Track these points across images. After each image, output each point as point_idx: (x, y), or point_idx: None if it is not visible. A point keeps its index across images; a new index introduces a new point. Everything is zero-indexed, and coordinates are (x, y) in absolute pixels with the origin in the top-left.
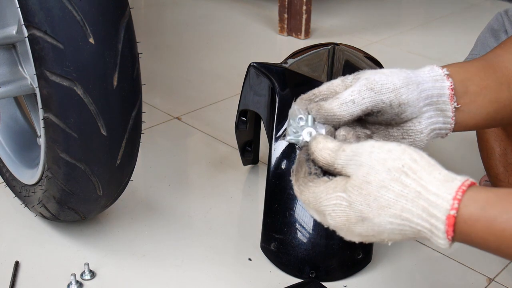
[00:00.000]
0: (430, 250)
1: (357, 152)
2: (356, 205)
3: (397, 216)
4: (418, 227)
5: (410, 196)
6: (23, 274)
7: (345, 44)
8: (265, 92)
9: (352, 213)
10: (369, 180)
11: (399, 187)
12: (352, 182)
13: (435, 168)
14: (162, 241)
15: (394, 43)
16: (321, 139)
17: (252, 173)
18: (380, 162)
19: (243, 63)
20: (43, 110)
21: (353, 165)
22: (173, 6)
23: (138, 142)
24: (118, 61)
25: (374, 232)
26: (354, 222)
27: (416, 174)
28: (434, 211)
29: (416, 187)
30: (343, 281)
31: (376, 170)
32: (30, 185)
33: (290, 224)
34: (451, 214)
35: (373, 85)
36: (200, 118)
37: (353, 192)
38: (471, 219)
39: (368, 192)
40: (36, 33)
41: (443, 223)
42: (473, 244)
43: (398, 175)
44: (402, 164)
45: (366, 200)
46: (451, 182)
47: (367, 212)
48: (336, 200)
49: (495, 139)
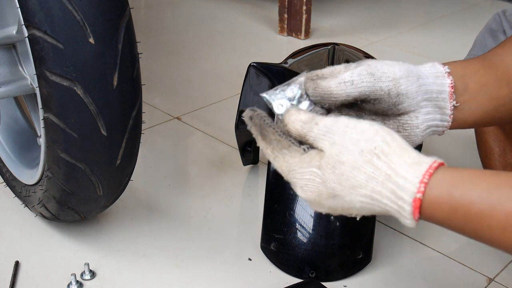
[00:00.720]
0: (430, 250)
1: (331, 130)
2: (329, 183)
3: (367, 196)
4: (387, 207)
5: (380, 178)
6: (23, 274)
7: (345, 44)
8: None
9: (325, 190)
10: (342, 160)
11: (370, 169)
12: (326, 160)
13: (406, 151)
14: (162, 241)
15: (394, 43)
16: (294, 111)
17: (252, 173)
18: (354, 143)
19: (243, 63)
20: (43, 110)
21: (326, 141)
22: (173, 6)
23: (138, 142)
24: (118, 61)
25: (344, 207)
26: (325, 198)
27: (387, 157)
28: (401, 193)
29: (386, 170)
30: (343, 281)
31: (349, 150)
32: (30, 185)
33: (290, 224)
34: (417, 197)
35: (374, 71)
36: (200, 118)
37: (327, 170)
38: (436, 202)
39: (341, 172)
40: (36, 33)
41: (409, 205)
42: (439, 224)
43: (370, 157)
44: (374, 146)
45: (339, 179)
46: (419, 166)
47: (339, 191)
48: (310, 175)
49: (494, 139)
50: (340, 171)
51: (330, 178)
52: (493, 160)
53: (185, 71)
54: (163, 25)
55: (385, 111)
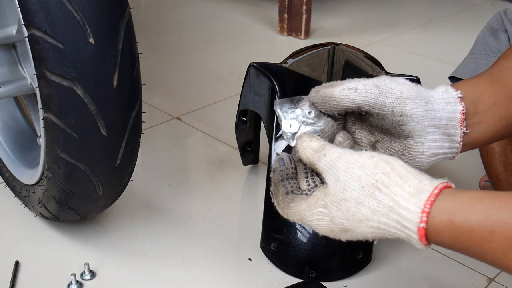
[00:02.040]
0: (430, 250)
1: (335, 166)
2: (337, 219)
3: (375, 227)
4: (396, 235)
5: (384, 211)
6: (23, 274)
7: (345, 44)
8: (265, 92)
9: (335, 226)
10: (346, 197)
11: (373, 202)
12: (331, 198)
13: (406, 179)
14: (162, 241)
15: (394, 43)
16: (306, 138)
17: (252, 173)
18: (355, 178)
19: (243, 63)
20: (43, 110)
21: (331, 176)
22: (173, 6)
23: (138, 142)
24: (118, 61)
25: (358, 236)
26: (338, 232)
27: (389, 188)
28: (406, 224)
29: (388, 202)
30: (343, 281)
31: (352, 186)
32: (30, 185)
33: (290, 224)
34: (420, 227)
35: (380, 85)
36: (200, 118)
37: (332, 208)
38: (438, 230)
39: (346, 208)
40: (36, 33)
41: (415, 234)
42: (446, 248)
43: (372, 191)
44: (375, 179)
45: (345, 215)
46: (420, 194)
47: (348, 225)
48: (318, 215)
49: None
50: (345, 207)
51: (337, 215)
52: (494, 160)
53: (185, 71)
54: (163, 25)
55: (390, 129)
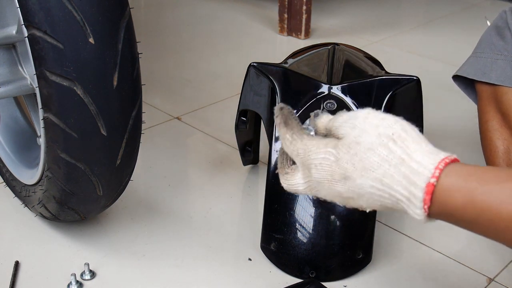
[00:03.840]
0: (430, 250)
1: (353, 116)
2: (343, 162)
3: (378, 180)
4: (397, 194)
5: (393, 162)
6: (23, 274)
7: (345, 44)
8: (265, 92)
9: (337, 170)
10: (359, 141)
11: (385, 152)
12: (343, 141)
13: (423, 140)
14: (162, 241)
15: (394, 43)
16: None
17: (252, 173)
18: (373, 127)
19: (243, 63)
20: (43, 110)
21: (347, 126)
22: (173, 6)
23: (138, 142)
24: (118, 61)
25: (354, 194)
26: (337, 179)
27: (404, 142)
28: (414, 178)
29: (401, 154)
30: (343, 281)
31: (367, 133)
32: (30, 185)
33: (290, 224)
34: (430, 182)
35: None
36: (200, 118)
37: (342, 150)
38: (450, 189)
39: (355, 152)
40: (36, 33)
41: (421, 191)
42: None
43: (386, 141)
44: (392, 132)
45: (352, 159)
46: (435, 155)
47: (351, 172)
48: (325, 154)
49: (499, 137)
50: (355, 151)
51: (343, 158)
52: (497, 158)
53: (185, 71)
54: (163, 25)
55: None
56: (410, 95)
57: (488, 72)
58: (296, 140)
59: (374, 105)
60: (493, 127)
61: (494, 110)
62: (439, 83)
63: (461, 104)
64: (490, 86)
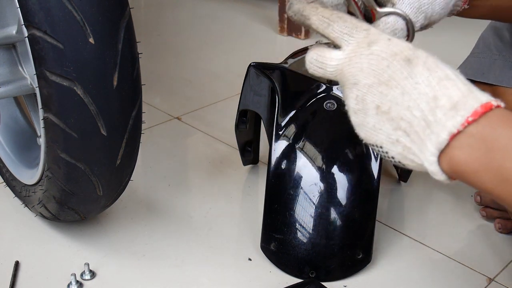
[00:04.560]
0: (430, 250)
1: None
2: (395, 68)
3: (400, 95)
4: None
5: (434, 82)
6: (23, 274)
7: None
8: (265, 92)
9: (388, 72)
10: (394, 51)
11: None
12: (372, 36)
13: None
14: (162, 241)
15: None
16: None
17: (252, 173)
18: (405, 47)
19: (243, 63)
20: (43, 110)
21: (376, 33)
22: (173, 6)
23: (138, 142)
24: (118, 61)
25: (382, 110)
26: (383, 81)
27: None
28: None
29: (441, 74)
30: (343, 281)
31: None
32: (30, 185)
33: (290, 224)
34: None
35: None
36: (200, 118)
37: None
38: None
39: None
40: (36, 33)
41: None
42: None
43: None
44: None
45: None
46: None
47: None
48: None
49: None
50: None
51: (372, 49)
52: None
53: (185, 71)
54: (163, 25)
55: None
56: None
57: (486, 72)
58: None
59: None
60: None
61: None
62: None
63: None
64: (489, 87)
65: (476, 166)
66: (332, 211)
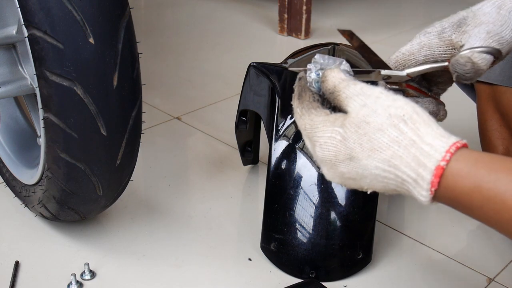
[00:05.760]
0: (430, 250)
1: (365, 93)
2: (350, 142)
3: (386, 161)
4: (404, 175)
5: (404, 143)
6: (23, 274)
7: (345, 44)
8: (265, 92)
9: (343, 149)
10: (368, 120)
11: (395, 133)
12: (351, 119)
13: (434, 123)
14: (162, 241)
15: (394, 43)
16: (336, 70)
17: (252, 173)
18: (384, 107)
19: (243, 63)
20: (43, 110)
21: (356, 102)
22: (173, 6)
23: (138, 142)
24: (118, 61)
25: (357, 175)
26: (341, 160)
27: (415, 124)
28: (424, 160)
29: (412, 136)
30: (343, 281)
31: (378, 113)
32: (30, 185)
33: (290, 224)
34: (440, 165)
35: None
36: (200, 118)
37: (350, 129)
38: (459, 174)
39: (364, 132)
40: (36, 33)
41: (430, 173)
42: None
43: (397, 122)
44: (403, 113)
45: (360, 139)
46: (447, 138)
47: (357, 152)
48: (331, 133)
49: (498, 137)
50: (364, 131)
51: (351, 137)
52: None
53: (185, 71)
54: (163, 25)
55: None
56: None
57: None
58: (304, 115)
59: None
60: (492, 126)
61: (493, 109)
62: None
63: (461, 104)
64: (489, 86)
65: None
66: (332, 211)
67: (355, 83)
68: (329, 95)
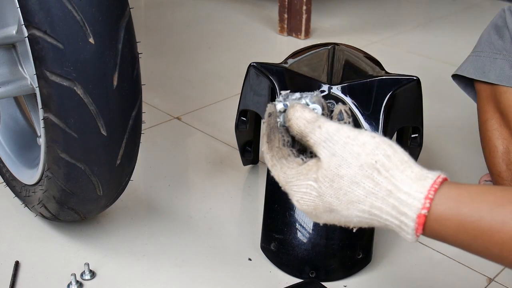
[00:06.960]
0: (430, 250)
1: (332, 139)
2: (326, 197)
3: (365, 212)
4: (387, 222)
5: (380, 194)
6: (23, 274)
7: (345, 44)
8: (265, 92)
9: (321, 204)
10: (341, 173)
11: (370, 184)
12: (324, 172)
13: (408, 165)
14: (162, 241)
15: (394, 43)
16: (299, 108)
17: (252, 173)
18: (354, 156)
19: (243, 63)
20: (43, 110)
21: (325, 149)
22: (173, 6)
23: (138, 142)
24: (118, 61)
25: (341, 221)
26: (321, 211)
27: (389, 172)
28: (404, 209)
29: (387, 186)
30: (343, 281)
31: (349, 164)
32: (30, 185)
33: (290, 224)
34: (422, 214)
35: None
36: (200, 118)
37: (324, 184)
38: (442, 217)
39: (339, 186)
40: (36, 33)
41: (413, 221)
42: (443, 240)
43: (370, 172)
44: (375, 160)
45: (336, 193)
46: (423, 181)
47: (336, 205)
48: (306, 189)
49: (498, 137)
50: (338, 185)
51: (327, 192)
52: (496, 158)
53: (185, 71)
54: (163, 25)
55: None
56: (410, 95)
57: (487, 71)
58: (276, 166)
59: (374, 105)
60: (493, 126)
61: (493, 109)
62: (439, 83)
63: (461, 104)
64: (489, 86)
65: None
66: None
67: (321, 125)
68: (298, 139)
